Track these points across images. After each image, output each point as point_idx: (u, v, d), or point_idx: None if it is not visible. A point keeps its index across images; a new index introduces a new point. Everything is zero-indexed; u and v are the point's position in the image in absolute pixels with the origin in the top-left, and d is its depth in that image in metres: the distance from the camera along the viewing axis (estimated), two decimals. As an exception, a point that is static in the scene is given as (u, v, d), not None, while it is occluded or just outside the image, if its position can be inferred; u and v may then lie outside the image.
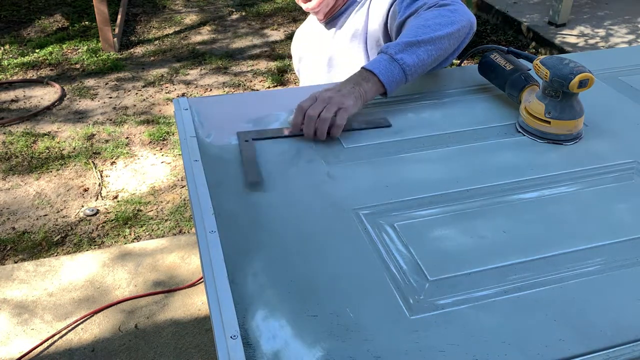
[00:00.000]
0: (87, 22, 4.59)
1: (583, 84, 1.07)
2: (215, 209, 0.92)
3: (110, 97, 3.57)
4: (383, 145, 1.12)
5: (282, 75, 3.85)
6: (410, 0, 1.27)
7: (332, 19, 1.49)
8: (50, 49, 4.14)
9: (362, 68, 1.16)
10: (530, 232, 0.90)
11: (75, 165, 2.90)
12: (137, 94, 3.61)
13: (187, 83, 3.76)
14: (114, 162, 2.93)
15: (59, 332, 1.96)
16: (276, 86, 3.72)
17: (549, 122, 1.11)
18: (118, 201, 2.64)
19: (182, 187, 2.74)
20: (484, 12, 4.89)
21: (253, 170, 1.03)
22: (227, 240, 0.87)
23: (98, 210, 2.59)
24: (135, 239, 2.43)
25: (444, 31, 1.18)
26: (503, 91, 1.24)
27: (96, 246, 2.38)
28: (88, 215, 2.55)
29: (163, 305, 2.07)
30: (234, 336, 0.70)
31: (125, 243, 2.39)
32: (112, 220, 2.52)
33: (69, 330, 1.97)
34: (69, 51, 4.15)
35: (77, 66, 3.94)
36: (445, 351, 0.71)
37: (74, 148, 3.03)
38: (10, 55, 4.05)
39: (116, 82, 3.75)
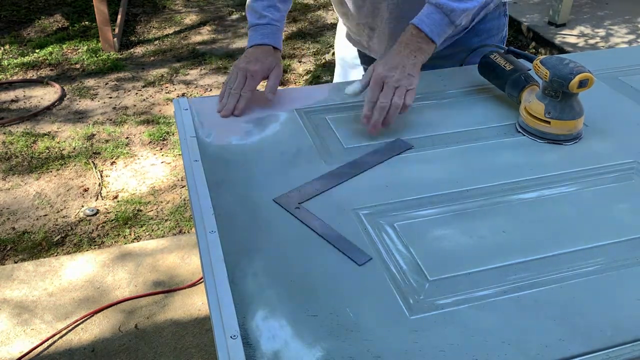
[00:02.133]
0: (87, 22, 4.59)
1: (583, 84, 1.08)
2: (215, 209, 0.92)
3: (110, 97, 3.57)
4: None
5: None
6: None
7: None
8: (50, 49, 4.14)
9: (417, 27, 1.15)
10: (530, 232, 0.90)
11: (75, 165, 2.90)
12: (137, 94, 3.61)
13: (187, 83, 3.76)
14: (114, 162, 2.93)
15: (59, 332, 1.96)
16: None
17: (548, 122, 1.12)
18: (118, 201, 2.64)
19: (182, 187, 2.74)
20: (484, 12, 4.87)
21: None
22: (227, 240, 0.87)
23: (98, 210, 2.59)
24: (135, 239, 2.43)
25: None
26: (503, 91, 1.24)
27: (96, 246, 2.38)
28: (88, 215, 2.55)
29: (163, 305, 2.07)
30: (234, 336, 0.70)
31: (125, 243, 2.39)
32: (112, 220, 2.52)
33: (69, 330, 1.97)
34: (69, 51, 4.15)
35: (77, 66, 3.94)
36: (445, 351, 0.71)
37: (74, 148, 3.03)
38: (10, 55, 4.05)
39: (116, 82, 3.75)
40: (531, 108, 1.14)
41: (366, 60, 1.57)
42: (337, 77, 1.69)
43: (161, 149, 3.05)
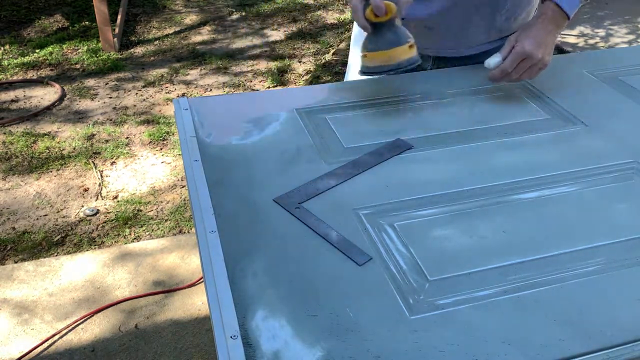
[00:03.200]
0: (87, 22, 4.59)
1: (377, 10, 1.08)
2: (215, 209, 0.92)
3: (110, 97, 3.57)
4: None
5: (282, 75, 3.85)
6: None
7: None
8: (50, 49, 4.14)
9: (557, 5, 1.17)
10: (530, 232, 0.90)
11: (75, 165, 2.90)
12: (137, 94, 3.61)
13: (187, 83, 3.76)
14: (114, 162, 2.93)
15: (59, 332, 1.96)
16: (276, 86, 3.72)
17: (365, 56, 1.14)
18: (118, 201, 2.64)
19: (182, 187, 2.74)
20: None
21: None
22: (227, 240, 0.87)
23: (98, 210, 2.59)
24: (135, 239, 2.43)
25: None
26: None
27: (96, 246, 2.38)
28: (88, 215, 2.55)
29: (163, 305, 2.07)
30: (234, 336, 0.70)
31: (125, 243, 2.39)
32: (112, 220, 2.52)
33: (69, 330, 1.97)
34: (69, 51, 4.15)
35: (77, 66, 3.94)
36: (445, 351, 0.71)
37: (74, 148, 3.03)
38: (10, 55, 4.05)
39: (116, 82, 3.75)
40: (361, 46, 1.16)
41: None
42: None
43: (161, 149, 3.05)
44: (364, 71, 1.17)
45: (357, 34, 1.59)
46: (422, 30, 1.39)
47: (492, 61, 1.18)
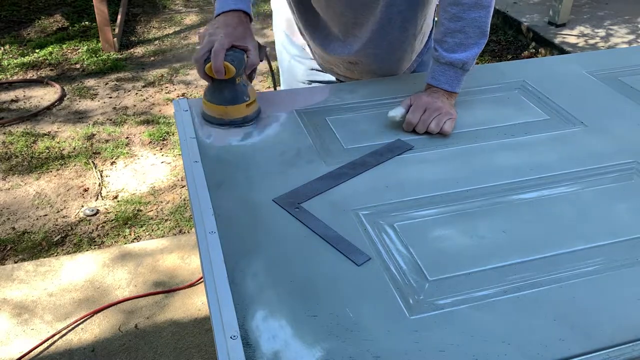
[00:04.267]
0: (87, 22, 4.59)
1: (216, 74, 1.11)
2: (215, 210, 0.92)
3: (110, 97, 3.57)
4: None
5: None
6: None
7: None
8: (50, 49, 4.14)
9: (446, 91, 1.19)
10: (530, 232, 0.90)
11: (75, 165, 2.90)
12: (137, 94, 3.61)
13: (187, 83, 3.76)
14: (114, 162, 2.93)
15: (59, 332, 1.96)
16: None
17: (205, 103, 1.19)
18: (118, 201, 2.64)
19: (182, 187, 2.74)
20: (484, 12, 4.87)
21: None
22: (227, 240, 0.87)
23: (98, 210, 2.59)
24: (135, 239, 2.43)
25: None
26: None
27: (96, 246, 2.38)
28: (88, 215, 2.55)
29: (163, 306, 2.07)
30: (234, 336, 0.70)
31: (125, 243, 2.39)
32: (112, 220, 2.52)
33: (69, 330, 1.97)
34: (69, 51, 4.15)
35: (77, 66, 3.94)
36: (445, 351, 0.71)
37: (74, 148, 3.03)
38: (10, 55, 4.05)
39: (116, 82, 3.75)
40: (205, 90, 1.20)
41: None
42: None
43: (161, 149, 3.05)
44: (203, 117, 1.21)
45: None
46: (347, 65, 1.42)
47: (397, 112, 1.16)
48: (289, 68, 1.57)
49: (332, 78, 1.52)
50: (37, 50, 4.12)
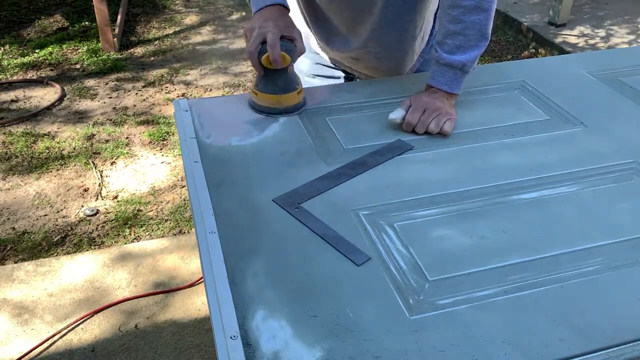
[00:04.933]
0: (87, 22, 4.59)
1: (274, 64, 1.14)
2: (215, 210, 0.92)
3: (110, 97, 3.57)
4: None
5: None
6: None
7: None
8: (50, 49, 4.14)
9: (445, 92, 1.19)
10: (530, 232, 0.90)
11: (75, 165, 2.90)
12: (137, 94, 3.61)
13: (187, 83, 3.76)
14: (114, 162, 2.93)
15: (59, 332, 1.96)
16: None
17: (256, 94, 1.21)
18: (118, 201, 2.64)
19: (182, 187, 2.74)
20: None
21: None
22: (227, 240, 0.87)
23: (98, 210, 2.58)
24: (135, 239, 2.43)
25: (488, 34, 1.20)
26: None
27: (96, 246, 2.38)
28: (88, 215, 2.55)
29: (163, 306, 2.07)
30: (234, 336, 0.70)
31: (125, 243, 2.39)
32: (112, 221, 2.52)
33: (69, 331, 1.97)
34: (69, 51, 4.15)
35: (77, 66, 3.94)
36: (445, 351, 0.71)
37: (74, 148, 3.03)
38: (10, 55, 4.05)
39: (116, 82, 3.75)
40: (253, 82, 1.23)
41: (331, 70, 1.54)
42: None
43: (161, 149, 3.05)
44: (252, 107, 1.23)
45: None
46: (349, 60, 1.44)
47: (397, 115, 1.17)
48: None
49: (336, 73, 1.53)
50: (37, 50, 4.12)
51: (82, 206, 2.62)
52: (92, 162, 2.92)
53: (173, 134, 3.15)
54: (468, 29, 1.15)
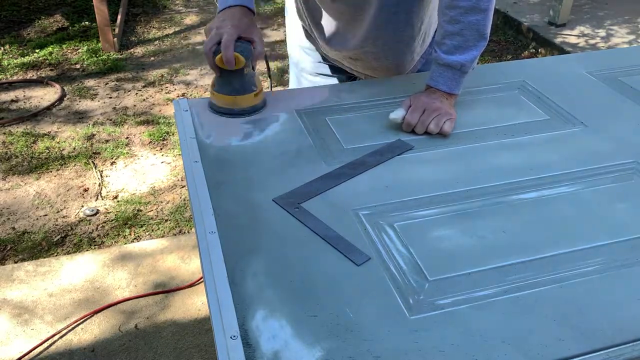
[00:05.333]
0: (87, 22, 4.59)
1: (227, 64, 1.12)
2: (215, 210, 0.92)
3: (110, 97, 3.57)
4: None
5: (282, 75, 3.85)
6: None
7: None
8: (50, 49, 4.14)
9: (444, 92, 1.19)
10: (530, 232, 0.90)
11: (75, 165, 2.90)
12: (137, 94, 3.61)
13: (187, 83, 3.76)
14: (114, 162, 2.93)
15: (59, 332, 1.96)
16: (276, 86, 3.72)
17: (213, 94, 1.21)
18: (118, 201, 2.64)
19: (182, 187, 2.74)
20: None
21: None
22: (227, 240, 0.87)
23: (98, 210, 2.58)
24: (135, 239, 2.43)
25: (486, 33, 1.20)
26: None
27: (96, 246, 2.38)
28: (88, 215, 2.55)
29: (163, 306, 2.07)
30: (234, 336, 0.70)
31: (125, 243, 2.39)
32: (112, 221, 2.52)
33: (69, 331, 1.97)
34: (69, 51, 4.15)
35: (77, 66, 3.94)
36: (445, 351, 0.71)
37: (74, 148, 3.03)
38: (10, 55, 4.05)
39: (116, 82, 3.75)
40: (212, 82, 1.22)
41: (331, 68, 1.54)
42: (293, 84, 1.66)
43: (161, 149, 3.05)
44: (211, 107, 1.23)
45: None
46: (349, 60, 1.44)
47: (398, 114, 1.17)
48: (298, 60, 1.58)
49: (338, 72, 1.53)
50: (37, 50, 4.12)
51: (82, 206, 2.62)
52: (92, 162, 2.93)
53: (173, 134, 3.15)
54: (466, 30, 1.15)
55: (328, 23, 1.37)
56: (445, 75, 1.18)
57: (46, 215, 2.56)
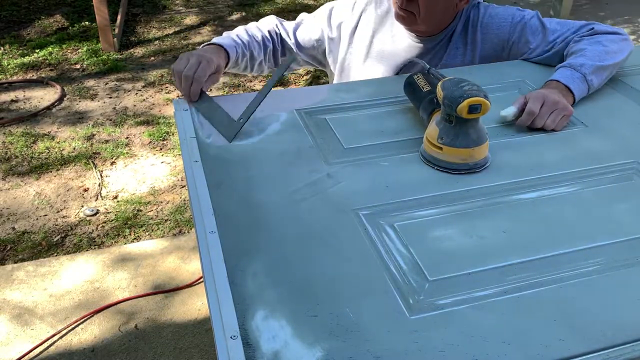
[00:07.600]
0: (87, 22, 4.59)
1: (474, 109, 0.97)
2: (215, 210, 0.92)
3: (110, 98, 3.57)
4: (383, 146, 1.12)
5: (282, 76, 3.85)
6: (550, 30, 1.40)
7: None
8: (50, 49, 4.14)
9: (561, 83, 1.23)
10: (530, 232, 0.90)
11: (75, 165, 2.90)
12: (137, 94, 3.61)
13: (187, 83, 3.76)
14: (114, 162, 2.93)
15: (59, 332, 1.96)
16: (276, 86, 3.72)
17: (440, 148, 1.03)
18: (118, 201, 2.64)
19: (182, 187, 2.74)
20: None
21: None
22: (227, 240, 0.87)
23: (98, 210, 2.58)
24: (135, 239, 2.43)
25: (620, 58, 1.32)
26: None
27: (96, 246, 2.38)
28: (88, 216, 2.55)
29: (163, 306, 2.07)
30: (234, 336, 0.70)
31: (125, 243, 2.39)
32: (112, 221, 2.52)
33: (69, 331, 1.97)
34: (69, 51, 4.15)
35: (77, 66, 3.94)
36: (445, 351, 0.71)
37: (74, 148, 3.03)
38: (10, 55, 4.05)
39: (116, 82, 3.75)
40: (428, 132, 1.06)
41: None
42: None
43: (161, 149, 3.05)
44: (434, 163, 1.05)
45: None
46: None
47: (509, 112, 1.17)
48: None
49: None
50: (37, 50, 4.12)
51: (82, 206, 2.62)
52: (92, 162, 2.93)
53: (173, 134, 3.15)
54: (588, 51, 1.29)
55: None
56: (564, 72, 1.25)
57: (46, 215, 2.56)
